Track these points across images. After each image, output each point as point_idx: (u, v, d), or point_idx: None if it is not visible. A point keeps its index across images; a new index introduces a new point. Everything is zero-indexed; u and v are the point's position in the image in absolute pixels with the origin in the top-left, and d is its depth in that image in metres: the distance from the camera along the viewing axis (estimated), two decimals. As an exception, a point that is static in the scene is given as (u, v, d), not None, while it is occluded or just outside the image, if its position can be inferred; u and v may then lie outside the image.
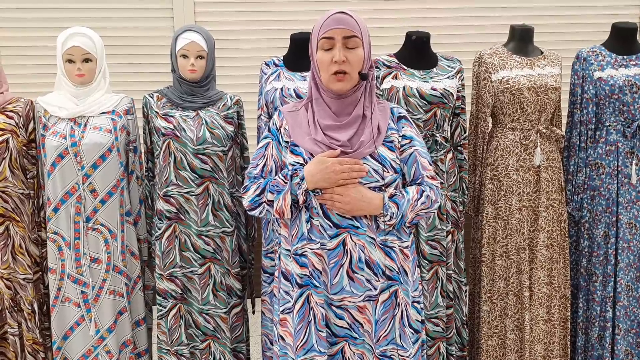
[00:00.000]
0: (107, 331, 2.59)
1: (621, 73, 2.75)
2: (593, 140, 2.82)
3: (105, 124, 2.55)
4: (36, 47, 4.12)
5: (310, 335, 1.94)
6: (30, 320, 2.62)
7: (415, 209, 1.94)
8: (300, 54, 2.58)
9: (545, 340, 2.79)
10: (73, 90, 2.54)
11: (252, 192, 1.99)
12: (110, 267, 2.57)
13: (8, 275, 2.58)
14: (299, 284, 1.94)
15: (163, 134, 2.55)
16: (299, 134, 1.96)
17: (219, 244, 2.62)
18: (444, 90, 2.57)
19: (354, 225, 1.91)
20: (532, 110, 2.73)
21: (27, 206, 2.60)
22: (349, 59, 1.88)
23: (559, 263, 2.80)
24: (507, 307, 2.79)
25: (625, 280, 2.76)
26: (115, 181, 2.56)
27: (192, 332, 2.66)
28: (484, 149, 2.87)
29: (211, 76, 2.64)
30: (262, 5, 4.29)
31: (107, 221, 2.55)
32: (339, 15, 1.89)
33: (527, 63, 2.78)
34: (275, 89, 2.61)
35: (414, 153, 1.99)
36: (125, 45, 4.18)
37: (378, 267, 1.92)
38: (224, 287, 2.65)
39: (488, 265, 2.80)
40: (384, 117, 1.98)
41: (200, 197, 2.57)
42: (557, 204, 2.78)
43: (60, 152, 2.49)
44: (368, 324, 1.95)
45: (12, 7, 4.14)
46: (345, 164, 1.88)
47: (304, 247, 1.93)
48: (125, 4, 4.21)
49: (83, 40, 2.49)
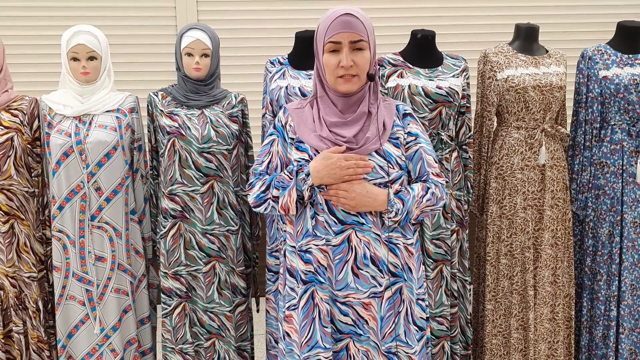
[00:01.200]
0: (111, 329, 2.59)
1: (626, 72, 2.75)
2: (598, 139, 2.82)
3: (110, 122, 2.55)
4: (41, 45, 4.12)
5: (315, 331, 1.93)
6: (35, 318, 2.62)
7: (421, 206, 1.93)
8: (305, 53, 2.58)
9: (549, 339, 2.78)
10: (78, 89, 2.54)
11: (257, 188, 1.99)
12: (115, 265, 2.57)
13: (13, 273, 2.58)
14: (303, 281, 1.94)
15: (168, 132, 2.55)
16: (305, 131, 1.96)
17: (223, 243, 2.62)
18: (450, 88, 2.57)
19: (359, 222, 1.91)
20: (537, 109, 2.72)
21: (32, 204, 2.61)
22: (356, 62, 1.87)
23: (563, 262, 2.79)
24: (511, 306, 2.79)
25: (630, 279, 2.76)
26: (120, 179, 2.56)
27: (197, 331, 2.66)
28: (489, 147, 2.86)
29: (216, 74, 2.64)
30: (266, 4, 4.29)
31: (112, 219, 2.55)
32: (346, 18, 1.85)
33: (533, 62, 2.77)
34: (280, 87, 2.61)
35: (419, 150, 1.98)
36: (129, 44, 4.19)
37: (383, 264, 1.92)
38: (229, 286, 2.65)
39: (492, 264, 2.80)
40: (390, 114, 1.98)
41: (205, 196, 2.58)
42: (562, 202, 2.78)
43: (65, 150, 2.49)
44: (373, 320, 1.95)
45: (16, 6, 4.14)
46: (350, 160, 1.88)
47: (308, 244, 1.93)
48: (128, 3, 4.21)
49: (88, 38, 2.49)
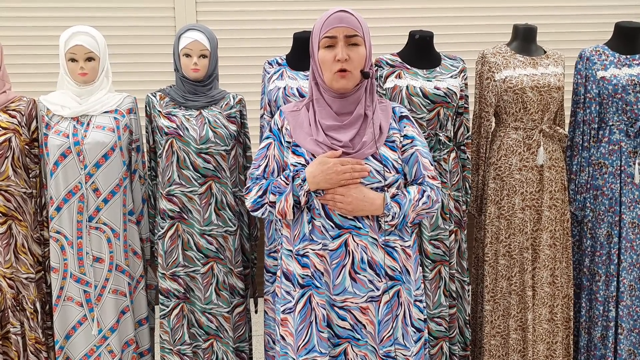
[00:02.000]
0: (109, 330, 2.59)
1: (624, 72, 2.75)
2: (596, 140, 2.81)
3: (108, 123, 2.55)
4: (39, 46, 4.12)
5: (311, 335, 1.93)
6: (33, 319, 2.62)
7: (417, 209, 1.93)
8: (303, 53, 2.58)
9: (548, 339, 2.78)
10: (76, 89, 2.54)
11: (254, 193, 1.99)
12: (112, 266, 2.57)
13: (10, 274, 2.58)
14: (300, 285, 1.94)
15: (166, 133, 2.55)
16: (301, 135, 1.95)
17: (221, 243, 2.62)
18: (447, 89, 2.57)
19: (356, 226, 1.90)
20: (535, 109, 2.72)
21: (30, 205, 2.61)
22: (352, 57, 1.88)
23: (561, 262, 2.79)
24: (509, 307, 2.79)
25: (628, 280, 2.76)
26: (118, 180, 2.55)
27: (195, 332, 2.66)
28: (487, 148, 2.86)
29: (214, 75, 2.64)
30: (264, 5, 4.29)
31: (110, 220, 2.55)
32: (341, 13, 1.88)
33: (530, 62, 2.77)
34: (278, 88, 2.61)
35: (415, 153, 1.98)
36: (127, 45, 4.19)
37: (380, 268, 1.92)
38: (227, 287, 2.65)
39: (491, 265, 2.80)
40: (386, 117, 1.98)
41: (203, 197, 2.57)
42: (560, 203, 2.78)
43: (63, 151, 2.49)
44: (371, 325, 1.94)
45: (14, 7, 4.14)
46: (346, 164, 1.87)
47: (305, 248, 1.93)
48: (127, 4, 4.21)
49: (86, 39, 2.49)
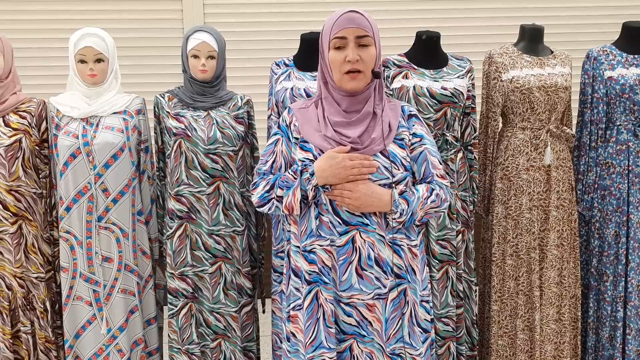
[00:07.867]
0: (118, 330, 2.61)
1: (632, 72, 2.74)
2: (603, 140, 2.81)
3: (117, 124, 2.57)
4: (49, 48, 4.15)
5: (319, 331, 1.94)
6: (43, 318, 2.64)
7: (425, 207, 1.93)
8: (311, 54, 2.59)
9: (555, 340, 2.78)
10: (85, 90, 2.56)
11: (261, 188, 1.99)
12: (121, 266, 2.59)
13: (21, 274, 2.60)
14: (307, 281, 1.95)
15: (174, 133, 2.57)
16: (309, 131, 1.96)
17: (229, 243, 2.63)
18: (454, 89, 2.58)
19: (363, 223, 1.91)
20: (542, 109, 2.72)
21: (40, 205, 2.63)
22: (363, 57, 1.88)
23: (569, 263, 2.79)
24: (517, 307, 2.78)
25: (636, 280, 2.75)
26: (127, 180, 2.57)
27: (203, 331, 2.67)
28: (494, 148, 2.86)
29: (222, 76, 2.65)
30: (271, 6, 4.30)
31: (119, 220, 2.57)
32: (351, 14, 1.89)
33: (538, 62, 2.77)
34: (286, 88, 2.62)
35: (424, 151, 1.98)
36: (136, 47, 4.21)
37: (387, 265, 1.92)
38: (235, 286, 2.66)
39: (498, 265, 2.80)
40: (395, 115, 1.98)
41: (211, 197, 2.59)
42: (568, 203, 2.78)
43: (73, 152, 2.51)
44: (377, 322, 1.95)
45: (25, 9, 4.17)
46: (355, 160, 1.88)
47: (313, 244, 1.93)
48: (135, 5, 4.24)
49: (95, 41, 2.51)
